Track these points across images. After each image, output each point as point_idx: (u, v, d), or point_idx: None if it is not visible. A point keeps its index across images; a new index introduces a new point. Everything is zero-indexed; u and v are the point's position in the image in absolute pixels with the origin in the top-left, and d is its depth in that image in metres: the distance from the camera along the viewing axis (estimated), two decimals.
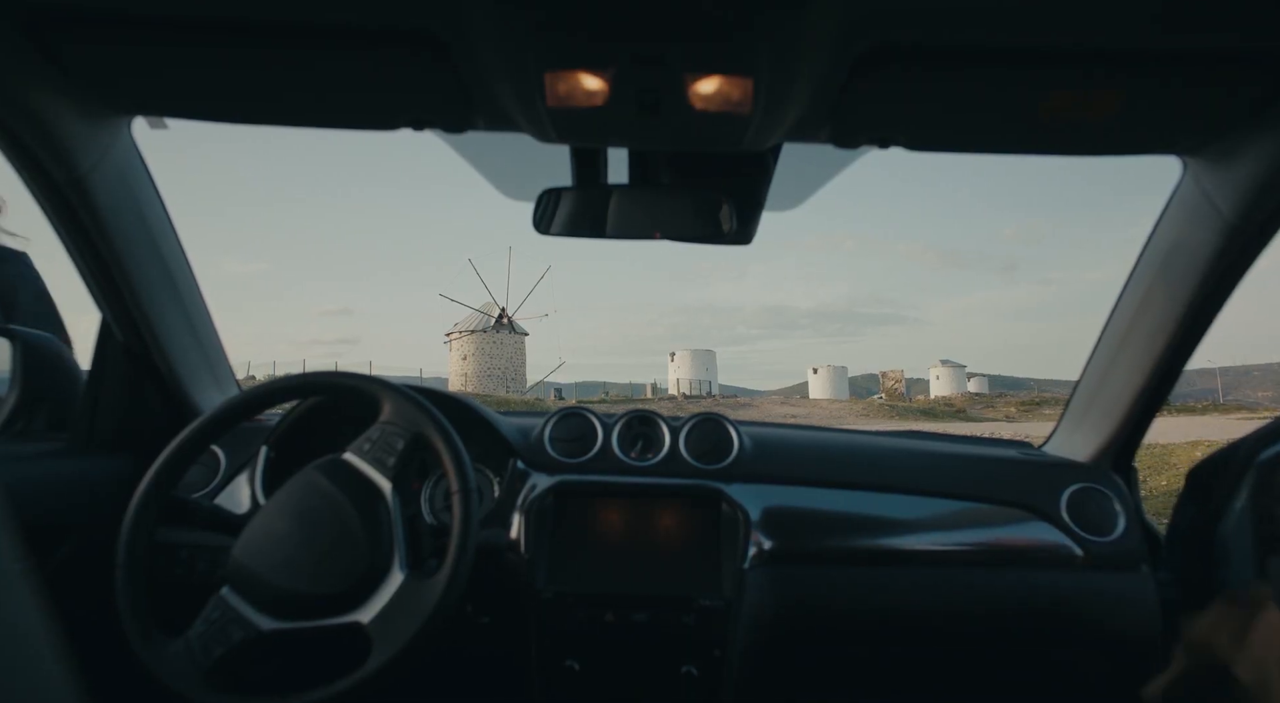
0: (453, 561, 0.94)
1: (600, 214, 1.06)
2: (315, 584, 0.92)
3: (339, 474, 0.99)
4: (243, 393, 1.09)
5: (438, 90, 0.82)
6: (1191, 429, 14.95)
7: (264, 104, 0.89)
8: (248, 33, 0.75)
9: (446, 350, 42.25)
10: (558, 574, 1.19)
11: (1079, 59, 0.75)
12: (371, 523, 0.95)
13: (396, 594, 0.93)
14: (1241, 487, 1.04)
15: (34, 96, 0.86)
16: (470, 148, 1.01)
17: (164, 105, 0.94)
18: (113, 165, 1.02)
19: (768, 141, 0.89)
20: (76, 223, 1.03)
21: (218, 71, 0.82)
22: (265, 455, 1.26)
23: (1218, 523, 1.09)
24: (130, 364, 1.23)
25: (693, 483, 1.25)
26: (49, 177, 0.96)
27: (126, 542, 0.97)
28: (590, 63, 0.73)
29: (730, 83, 0.75)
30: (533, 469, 1.27)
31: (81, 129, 0.94)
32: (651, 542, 1.22)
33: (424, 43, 0.75)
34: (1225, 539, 1.07)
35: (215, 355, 1.38)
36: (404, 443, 1.00)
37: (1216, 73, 0.76)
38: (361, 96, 0.86)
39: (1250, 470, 1.03)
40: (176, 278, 1.22)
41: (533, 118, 0.83)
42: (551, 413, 1.36)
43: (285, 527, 0.96)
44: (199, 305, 1.30)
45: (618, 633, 1.17)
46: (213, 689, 0.90)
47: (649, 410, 1.36)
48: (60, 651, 0.31)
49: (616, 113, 0.80)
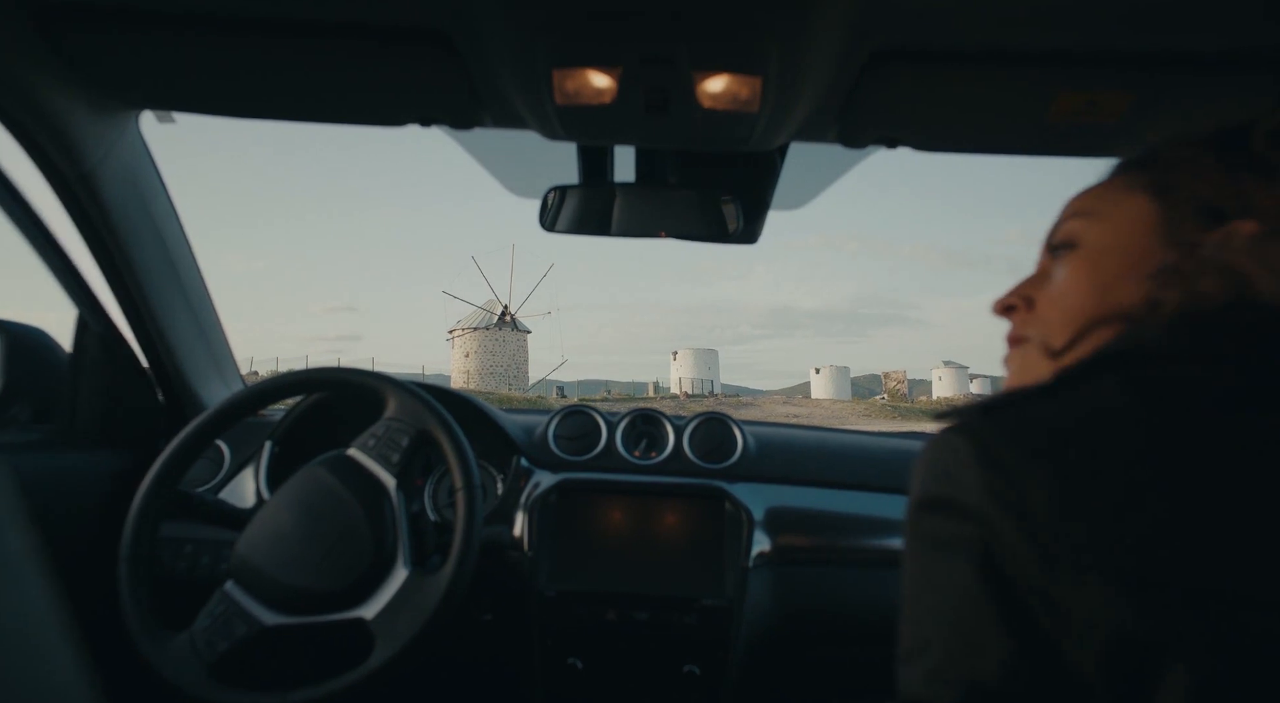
0: (456, 557, 0.94)
1: (606, 212, 1.06)
2: (319, 580, 0.93)
3: (343, 470, 0.99)
4: (247, 388, 1.09)
5: (445, 86, 0.82)
6: None
7: (272, 99, 0.90)
8: (256, 28, 0.75)
9: (449, 347, 42.32)
10: (560, 572, 1.19)
11: (1087, 60, 0.75)
12: (376, 519, 0.96)
13: (400, 591, 0.93)
14: None
15: (42, 90, 0.86)
16: (477, 144, 1.01)
17: (172, 100, 0.94)
18: (120, 159, 1.02)
19: (775, 141, 0.89)
20: (84, 216, 1.03)
21: (225, 66, 0.82)
22: (270, 451, 1.26)
23: None
24: (117, 358, 1.21)
25: (696, 482, 1.25)
26: (57, 170, 0.96)
27: (131, 536, 0.97)
28: (598, 61, 0.73)
29: (738, 82, 0.75)
30: (536, 467, 1.27)
31: (89, 123, 0.94)
32: (655, 541, 1.22)
33: (432, 39, 0.75)
34: None
35: (220, 350, 1.38)
36: (409, 440, 1.00)
37: (1230, 74, 0.76)
38: (369, 92, 0.86)
39: None
40: (182, 272, 1.22)
41: (540, 115, 0.83)
42: (556, 411, 1.36)
43: (289, 522, 0.96)
44: (205, 300, 1.31)
45: (620, 632, 1.17)
46: (216, 684, 0.90)
47: (653, 409, 1.36)
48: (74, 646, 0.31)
49: (624, 111, 0.80)
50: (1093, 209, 0.52)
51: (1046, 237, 0.56)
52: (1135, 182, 0.51)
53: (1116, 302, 0.48)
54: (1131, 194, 0.50)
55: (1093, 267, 0.50)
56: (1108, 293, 0.49)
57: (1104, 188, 0.53)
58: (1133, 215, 0.50)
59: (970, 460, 0.37)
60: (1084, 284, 0.50)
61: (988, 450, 0.37)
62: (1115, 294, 0.49)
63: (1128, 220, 0.50)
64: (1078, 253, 0.52)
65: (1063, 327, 0.51)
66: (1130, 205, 0.50)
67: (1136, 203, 0.50)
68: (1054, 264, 0.54)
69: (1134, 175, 0.52)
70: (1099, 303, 0.49)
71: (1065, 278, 0.52)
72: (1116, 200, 0.51)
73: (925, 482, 0.40)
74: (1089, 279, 0.50)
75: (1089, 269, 0.51)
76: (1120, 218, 0.50)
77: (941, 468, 0.39)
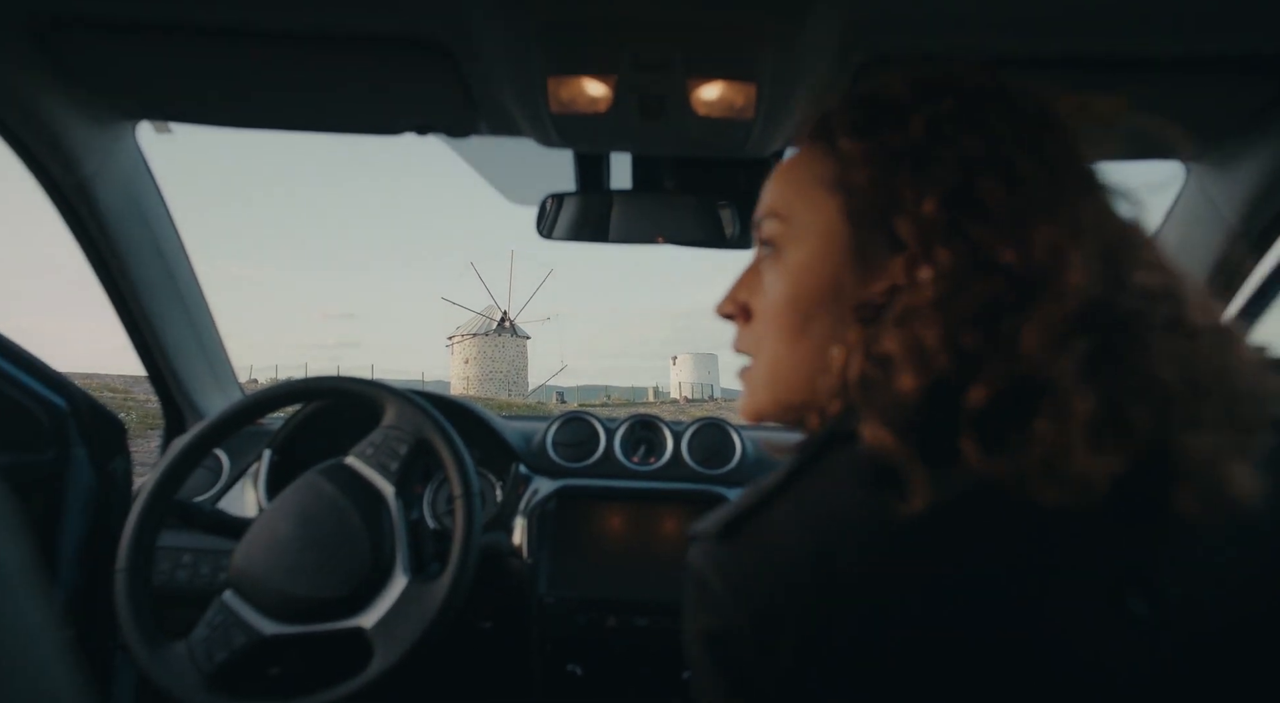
0: (456, 564, 0.93)
1: (603, 219, 1.06)
2: (318, 588, 0.92)
3: (342, 479, 0.99)
4: (246, 397, 1.09)
5: (442, 95, 0.82)
6: None
7: (269, 109, 0.90)
8: (253, 39, 0.75)
9: (448, 354, 42.30)
10: (560, 579, 1.19)
11: (1080, 65, 0.75)
12: (374, 527, 0.95)
13: (399, 599, 0.93)
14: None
15: (39, 100, 0.86)
16: (474, 152, 1.02)
17: (169, 110, 0.94)
18: (117, 169, 1.02)
19: (770, 147, 0.89)
20: (80, 226, 1.03)
21: (222, 76, 0.82)
22: (269, 459, 1.26)
23: None
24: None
25: (695, 488, 1.25)
26: (53, 180, 0.96)
27: (129, 546, 0.96)
28: (593, 68, 0.73)
29: (733, 88, 0.75)
30: (535, 474, 1.27)
31: (86, 133, 0.94)
32: (654, 547, 1.22)
33: (428, 48, 0.75)
34: None
35: (218, 359, 1.38)
36: (407, 448, 1.00)
37: (1219, 78, 0.76)
38: (366, 101, 0.86)
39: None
40: (180, 281, 1.22)
41: (536, 123, 0.83)
42: (554, 417, 1.36)
43: (288, 531, 0.96)
44: (202, 309, 1.31)
45: (620, 638, 1.16)
46: (214, 694, 0.90)
47: (651, 415, 1.36)
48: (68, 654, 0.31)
49: (619, 118, 0.81)
50: (789, 212, 0.47)
51: (755, 214, 0.51)
52: (824, 174, 0.46)
53: (819, 342, 0.44)
54: (823, 196, 0.46)
55: (795, 284, 0.46)
56: (810, 324, 0.45)
57: (799, 178, 0.48)
58: (824, 230, 0.45)
59: (722, 591, 0.37)
60: (788, 309, 0.46)
61: (735, 581, 0.36)
62: (817, 328, 0.45)
63: (821, 238, 0.45)
64: (781, 263, 0.47)
65: (778, 368, 0.47)
66: (822, 215, 0.45)
67: (827, 213, 0.45)
68: (764, 262, 0.50)
69: (822, 161, 0.46)
70: (802, 336, 0.46)
71: (774, 292, 0.48)
72: (811, 203, 0.46)
73: (694, 614, 0.39)
74: (793, 304, 0.46)
75: (792, 287, 0.46)
76: (814, 233, 0.46)
77: (699, 601, 0.38)
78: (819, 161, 0.47)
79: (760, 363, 0.50)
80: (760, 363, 0.50)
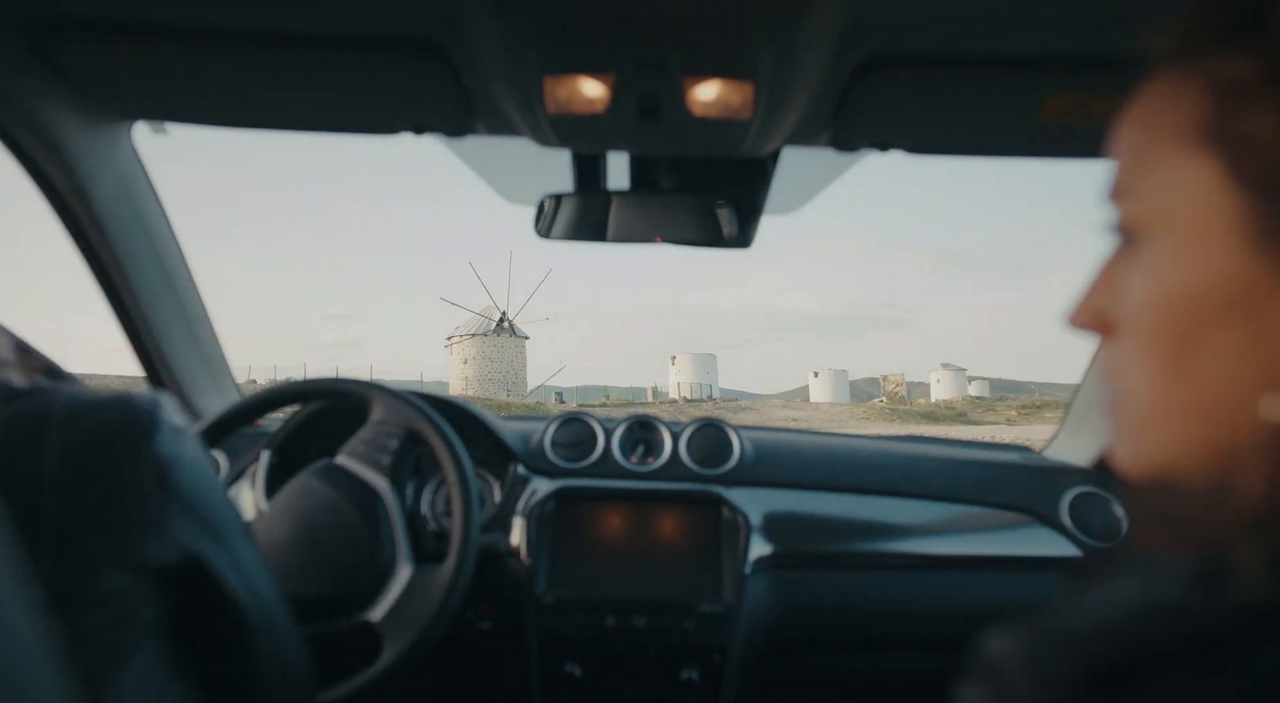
0: (457, 549, 0.94)
1: (601, 219, 1.06)
2: (321, 587, 0.93)
3: (334, 478, 0.99)
4: (243, 399, 1.10)
5: (438, 95, 0.82)
6: None
7: (265, 109, 0.90)
8: (249, 39, 0.75)
9: (447, 354, 42.32)
10: (558, 579, 1.19)
11: (1077, 64, 0.75)
12: (372, 522, 0.96)
13: (406, 588, 0.94)
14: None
15: (34, 102, 0.86)
16: (472, 152, 1.02)
17: (165, 111, 0.94)
18: (113, 170, 1.02)
19: (768, 146, 0.89)
20: (77, 227, 1.03)
21: (218, 77, 0.82)
22: (267, 460, 1.26)
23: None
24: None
25: (693, 488, 1.25)
26: (49, 181, 0.96)
27: None
28: (590, 68, 0.73)
29: (730, 88, 0.75)
30: (534, 474, 1.27)
31: (82, 134, 0.94)
32: (652, 547, 1.22)
33: (424, 48, 0.75)
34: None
35: (216, 360, 1.38)
36: (398, 441, 1.01)
37: None
38: (362, 101, 0.86)
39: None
40: (177, 282, 1.22)
41: (533, 123, 0.83)
42: (552, 418, 1.36)
43: (285, 533, 0.96)
44: (200, 310, 1.31)
45: (618, 638, 1.16)
46: None
47: (649, 415, 1.36)
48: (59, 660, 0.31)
49: (617, 118, 0.81)
50: (1142, 184, 0.32)
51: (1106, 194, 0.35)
52: (1188, 119, 0.30)
53: (1210, 374, 0.29)
54: (1190, 153, 0.30)
55: (1160, 290, 0.31)
56: (1189, 348, 0.30)
57: (1152, 131, 0.32)
58: (1198, 206, 0.30)
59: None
60: (1156, 326, 0.31)
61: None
62: (1205, 354, 0.29)
63: (1194, 219, 0.30)
64: (1142, 260, 0.32)
65: (1151, 408, 0.32)
66: (1193, 182, 0.30)
67: (1200, 179, 0.29)
68: (1121, 257, 0.35)
69: (1186, 97, 0.31)
70: (1182, 364, 0.30)
71: (1136, 300, 0.32)
72: (1172, 167, 0.31)
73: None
74: (1162, 319, 0.31)
75: (1157, 294, 0.31)
76: (1182, 210, 0.30)
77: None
78: (1181, 99, 0.31)
79: (1132, 397, 0.34)
80: (1132, 397, 0.34)
